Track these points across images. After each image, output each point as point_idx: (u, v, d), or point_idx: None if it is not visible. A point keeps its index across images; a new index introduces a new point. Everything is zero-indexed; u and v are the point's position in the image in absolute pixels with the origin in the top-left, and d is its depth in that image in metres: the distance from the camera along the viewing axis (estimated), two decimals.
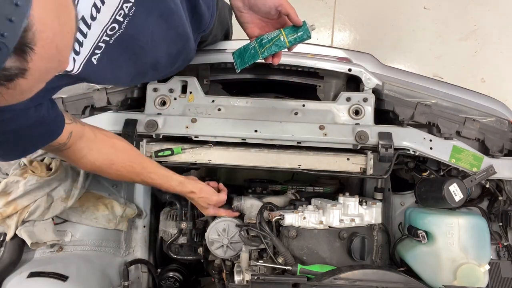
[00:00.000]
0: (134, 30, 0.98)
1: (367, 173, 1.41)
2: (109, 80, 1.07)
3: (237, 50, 1.25)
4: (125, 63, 1.06)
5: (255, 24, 1.23)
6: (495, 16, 3.11)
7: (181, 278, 1.73)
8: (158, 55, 1.16)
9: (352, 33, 3.20)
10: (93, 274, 1.51)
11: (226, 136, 1.44)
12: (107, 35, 0.93)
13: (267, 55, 1.19)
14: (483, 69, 3.09)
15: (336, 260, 1.38)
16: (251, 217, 1.50)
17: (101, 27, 0.90)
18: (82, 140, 1.15)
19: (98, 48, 0.93)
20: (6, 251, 1.41)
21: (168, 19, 1.09)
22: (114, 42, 0.95)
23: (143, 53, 1.08)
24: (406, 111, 1.47)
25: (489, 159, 1.47)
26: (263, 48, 1.19)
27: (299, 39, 1.18)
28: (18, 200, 1.39)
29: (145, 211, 1.72)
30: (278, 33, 1.19)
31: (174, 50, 1.22)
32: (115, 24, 0.92)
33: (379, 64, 1.60)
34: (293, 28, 1.18)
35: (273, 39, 1.18)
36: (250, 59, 1.21)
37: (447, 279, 1.34)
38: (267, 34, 1.21)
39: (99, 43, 0.92)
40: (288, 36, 1.18)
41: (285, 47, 1.19)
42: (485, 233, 1.39)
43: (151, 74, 1.26)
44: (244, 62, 1.23)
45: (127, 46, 1.00)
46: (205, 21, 1.33)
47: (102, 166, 1.23)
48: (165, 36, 1.12)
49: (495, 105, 1.57)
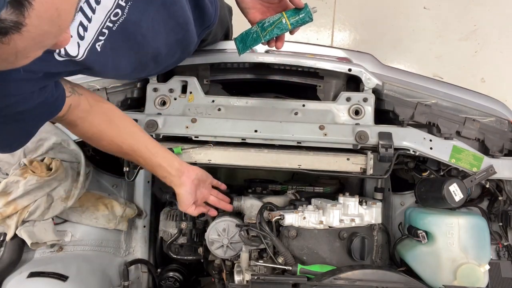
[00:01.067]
0: (136, 17, 0.98)
1: (367, 173, 1.41)
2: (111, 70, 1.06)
3: (238, 35, 1.25)
4: (127, 52, 1.06)
5: (256, 9, 1.23)
6: (495, 16, 3.11)
7: (181, 278, 1.73)
8: (158, 45, 1.16)
9: (352, 33, 3.20)
10: (93, 274, 1.52)
11: (226, 136, 1.44)
12: (111, 21, 0.93)
13: (269, 38, 1.19)
14: (483, 69, 3.09)
15: (336, 260, 1.38)
16: (251, 217, 1.50)
17: (105, 12, 0.90)
18: (77, 110, 1.13)
19: (102, 35, 0.93)
20: (6, 251, 1.41)
21: (170, 8, 1.10)
22: (117, 29, 0.95)
23: (145, 43, 1.08)
24: (406, 111, 1.47)
25: (489, 159, 1.47)
26: (265, 31, 1.19)
27: (301, 21, 1.18)
28: (18, 200, 1.39)
29: (145, 211, 1.72)
30: (280, 16, 1.19)
31: (173, 39, 1.21)
32: (118, 9, 0.93)
33: (379, 64, 1.60)
34: (295, 11, 1.18)
35: (275, 22, 1.18)
36: (252, 42, 1.21)
37: (447, 279, 1.34)
38: (269, 18, 1.20)
39: (103, 29, 0.92)
40: (290, 19, 1.18)
41: (288, 29, 1.19)
42: (485, 233, 1.39)
43: (152, 66, 1.26)
44: (246, 46, 1.23)
45: (129, 34, 1.00)
46: (209, 16, 1.32)
47: (92, 138, 1.22)
48: (165, 24, 1.12)
49: (495, 105, 1.57)
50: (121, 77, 1.39)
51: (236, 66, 1.60)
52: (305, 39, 3.15)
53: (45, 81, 0.93)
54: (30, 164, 1.42)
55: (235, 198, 1.55)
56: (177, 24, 1.18)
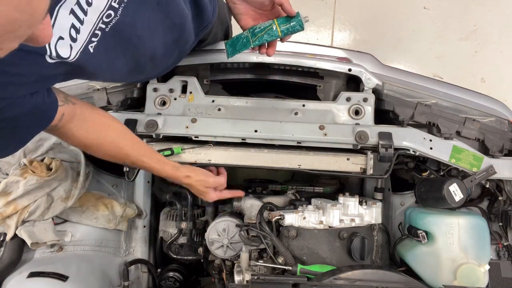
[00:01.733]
0: (130, 18, 0.98)
1: (367, 173, 1.41)
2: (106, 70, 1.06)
3: (229, 40, 1.26)
4: (121, 53, 1.06)
5: (249, 16, 1.24)
6: (495, 16, 3.11)
7: (181, 278, 1.73)
8: (155, 45, 1.16)
9: (352, 33, 3.20)
10: (93, 274, 1.52)
11: (226, 136, 1.44)
12: (103, 22, 0.92)
13: (259, 43, 1.20)
14: (483, 69, 3.09)
15: (336, 260, 1.38)
16: (251, 217, 1.50)
17: (97, 13, 0.90)
18: (72, 120, 1.12)
19: (95, 36, 0.92)
20: (6, 251, 1.41)
21: (165, 7, 1.09)
22: (110, 31, 0.95)
23: (141, 43, 1.08)
24: (406, 111, 1.47)
25: (489, 159, 1.47)
26: (255, 37, 1.20)
27: (292, 29, 1.18)
28: (18, 200, 1.39)
29: (145, 211, 1.72)
30: (270, 23, 1.19)
31: (170, 39, 1.21)
32: (111, 11, 0.92)
33: (379, 64, 1.60)
34: (287, 19, 1.19)
35: (266, 28, 1.19)
36: (241, 47, 1.22)
37: (447, 279, 1.34)
38: (260, 24, 1.21)
39: (95, 30, 0.92)
40: (280, 26, 1.18)
41: (278, 36, 1.19)
42: (485, 233, 1.39)
43: (149, 67, 1.26)
44: (235, 50, 1.24)
45: (123, 35, 1.00)
46: (208, 14, 1.32)
47: (91, 145, 1.21)
48: (161, 24, 1.12)
49: (495, 105, 1.57)
50: (118, 78, 1.38)
51: (236, 66, 1.60)
52: (305, 39, 3.15)
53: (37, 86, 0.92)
54: (30, 164, 1.42)
55: (235, 198, 1.55)
56: (173, 24, 1.17)
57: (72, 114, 1.11)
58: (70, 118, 1.11)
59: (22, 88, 0.88)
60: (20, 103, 0.90)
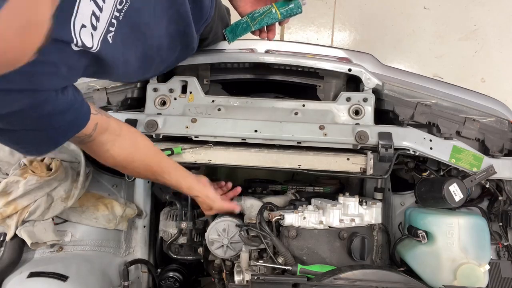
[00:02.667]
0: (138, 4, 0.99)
1: (367, 173, 1.41)
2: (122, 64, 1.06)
3: (228, 27, 1.28)
4: (134, 43, 1.07)
5: (246, 2, 1.26)
6: (495, 16, 3.11)
7: (181, 278, 1.73)
8: (161, 34, 1.17)
9: (352, 33, 3.20)
10: (93, 274, 1.51)
11: (226, 136, 1.44)
12: (117, 10, 0.94)
13: (259, 27, 1.23)
14: (483, 69, 3.09)
15: (336, 260, 1.38)
16: (251, 217, 1.50)
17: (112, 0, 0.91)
18: (106, 133, 1.12)
19: (112, 25, 0.93)
20: (6, 251, 1.41)
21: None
22: (123, 19, 0.96)
23: (148, 31, 1.09)
24: (406, 111, 1.47)
25: (489, 159, 1.47)
26: (255, 21, 1.23)
27: (291, 12, 1.21)
28: (18, 200, 1.39)
29: (145, 211, 1.72)
30: (269, 7, 1.22)
31: (174, 29, 1.22)
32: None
33: (379, 64, 1.60)
34: (285, 2, 1.21)
35: (265, 12, 1.22)
36: (242, 31, 1.25)
37: (447, 279, 1.34)
38: (259, 9, 1.24)
39: (112, 19, 0.93)
40: (279, 9, 1.21)
41: (277, 19, 1.22)
42: (485, 233, 1.39)
43: (157, 61, 1.27)
44: (235, 35, 1.26)
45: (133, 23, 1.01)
46: (206, 9, 1.33)
47: (123, 162, 1.22)
48: (166, 12, 1.14)
49: (495, 105, 1.57)
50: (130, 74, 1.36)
51: (236, 66, 1.60)
52: (305, 39, 3.15)
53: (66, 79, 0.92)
54: (30, 164, 1.42)
55: (235, 198, 1.55)
56: (178, 13, 1.19)
57: (105, 127, 1.11)
58: (103, 130, 1.11)
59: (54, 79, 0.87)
60: (54, 100, 0.90)
